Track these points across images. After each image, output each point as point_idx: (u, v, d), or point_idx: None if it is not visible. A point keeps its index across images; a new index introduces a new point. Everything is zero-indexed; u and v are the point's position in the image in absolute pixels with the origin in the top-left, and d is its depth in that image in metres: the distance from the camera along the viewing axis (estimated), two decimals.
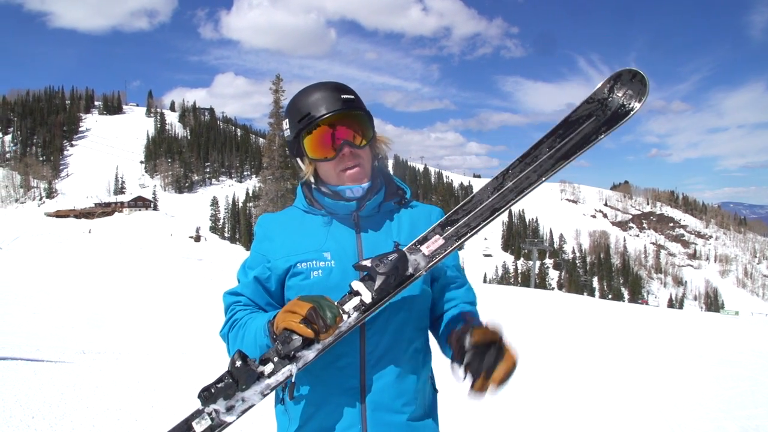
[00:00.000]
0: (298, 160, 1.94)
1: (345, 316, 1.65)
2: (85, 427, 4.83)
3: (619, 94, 1.65)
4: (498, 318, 1.76)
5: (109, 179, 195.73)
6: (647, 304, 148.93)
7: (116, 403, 5.66)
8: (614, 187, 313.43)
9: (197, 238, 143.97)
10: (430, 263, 1.69)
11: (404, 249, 1.71)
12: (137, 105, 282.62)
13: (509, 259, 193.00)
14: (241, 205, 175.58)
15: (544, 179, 1.66)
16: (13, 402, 5.16)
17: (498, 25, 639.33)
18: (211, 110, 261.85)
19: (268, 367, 1.62)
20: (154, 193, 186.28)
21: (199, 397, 1.60)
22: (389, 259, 1.65)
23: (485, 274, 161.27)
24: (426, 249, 1.71)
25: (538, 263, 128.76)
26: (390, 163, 2.07)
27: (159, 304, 15.74)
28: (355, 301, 1.66)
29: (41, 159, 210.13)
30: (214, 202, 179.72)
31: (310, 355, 1.62)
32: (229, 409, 1.61)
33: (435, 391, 1.99)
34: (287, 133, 1.92)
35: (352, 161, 1.84)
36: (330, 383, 1.80)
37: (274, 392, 1.93)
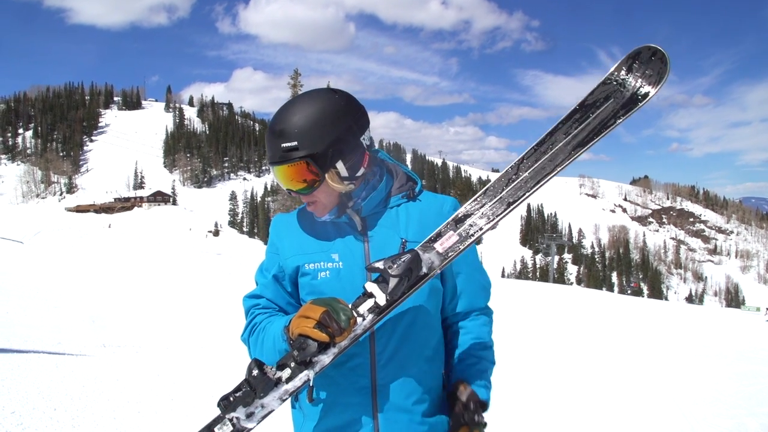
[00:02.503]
0: None
1: (360, 319, 1.64)
2: (106, 420, 4.89)
3: (638, 74, 1.53)
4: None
5: (129, 174, 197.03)
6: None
7: (136, 396, 5.71)
8: (634, 182, 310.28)
9: (216, 233, 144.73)
10: (445, 261, 1.66)
11: (417, 248, 1.67)
12: (156, 100, 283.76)
13: (527, 253, 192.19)
14: (259, 199, 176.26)
15: (560, 169, 1.56)
16: (35, 394, 5.22)
17: (518, 19, 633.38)
18: (230, 105, 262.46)
19: (285, 373, 1.62)
20: (173, 188, 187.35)
21: (219, 405, 1.61)
22: (402, 260, 1.61)
23: (503, 269, 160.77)
24: (440, 246, 1.66)
25: (556, 258, 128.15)
26: (408, 158, 2.04)
27: (178, 299, 15.85)
28: (369, 303, 1.64)
29: (61, 154, 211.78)
30: (233, 197, 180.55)
31: (326, 359, 1.62)
32: (249, 416, 1.63)
33: (443, 388, 1.97)
34: None
35: (305, 200, 1.84)
36: (342, 383, 1.81)
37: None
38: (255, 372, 1.60)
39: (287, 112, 1.78)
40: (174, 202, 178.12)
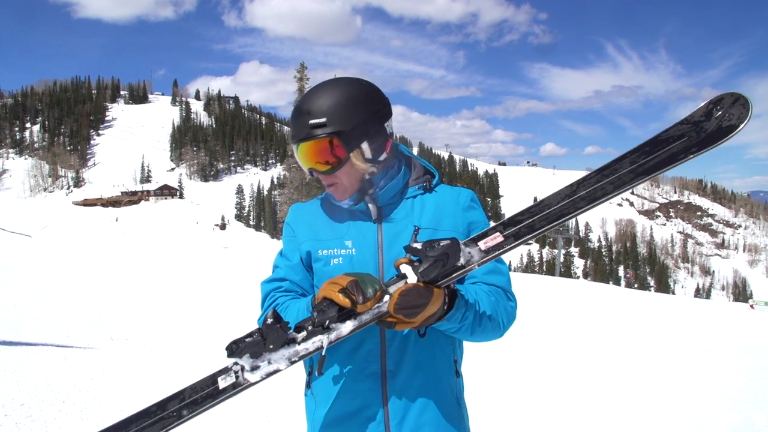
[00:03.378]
0: None
1: (386, 296, 1.60)
2: (114, 412, 4.90)
3: (717, 116, 1.54)
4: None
5: (135, 168, 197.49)
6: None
7: (144, 389, 5.73)
8: None
9: (222, 226, 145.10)
10: (485, 258, 1.61)
11: (462, 242, 1.61)
12: (162, 94, 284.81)
13: (534, 247, 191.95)
14: (266, 193, 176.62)
15: (619, 192, 1.56)
16: (44, 386, 5.25)
17: (526, 12, 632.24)
18: (236, 99, 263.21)
19: (301, 335, 1.60)
20: (179, 182, 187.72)
21: (227, 348, 1.59)
22: (441, 244, 1.56)
23: (510, 262, 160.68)
24: (483, 244, 1.63)
25: (563, 252, 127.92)
26: (414, 152, 2.05)
27: (185, 292, 15.90)
28: (401, 284, 1.60)
29: (68, 148, 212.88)
30: (240, 191, 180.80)
31: (344, 329, 1.59)
32: (254, 369, 1.59)
33: (459, 376, 1.95)
34: None
35: (326, 181, 1.86)
36: (352, 369, 1.82)
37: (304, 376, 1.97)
38: (270, 321, 1.57)
39: (316, 92, 1.83)
40: (181, 196, 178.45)
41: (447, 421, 1.85)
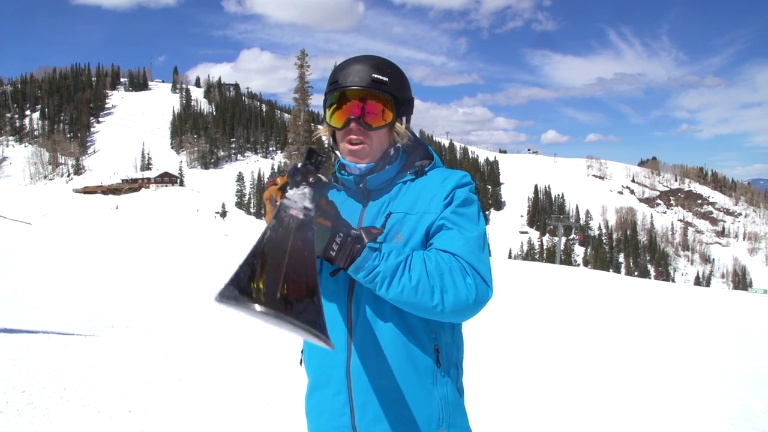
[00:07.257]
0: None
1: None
2: (115, 399, 4.93)
3: None
4: None
5: (136, 156, 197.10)
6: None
7: (145, 376, 5.75)
8: (642, 164, 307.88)
9: (223, 214, 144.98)
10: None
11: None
12: (163, 81, 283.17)
13: (534, 234, 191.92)
14: (266, 180, 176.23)
15: None
16: (45, 374, 5.27)
17: None
18: (236, 86, 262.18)
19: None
20: (180, 169, 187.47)
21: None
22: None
23: (510, 250, 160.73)
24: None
25: (563, 239, 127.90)
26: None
27: (185, 279, 15.90)
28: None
29: (68, 136, 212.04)
30: (240, 178, 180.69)
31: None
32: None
33: (441, 365, 1.82)
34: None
35: (357, 137, 1.85)
36: (324, 358, 1.87)
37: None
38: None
39: (376, 56, 1.90)
40: (181, 184, 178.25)
41: (414, 410, 1.78)
